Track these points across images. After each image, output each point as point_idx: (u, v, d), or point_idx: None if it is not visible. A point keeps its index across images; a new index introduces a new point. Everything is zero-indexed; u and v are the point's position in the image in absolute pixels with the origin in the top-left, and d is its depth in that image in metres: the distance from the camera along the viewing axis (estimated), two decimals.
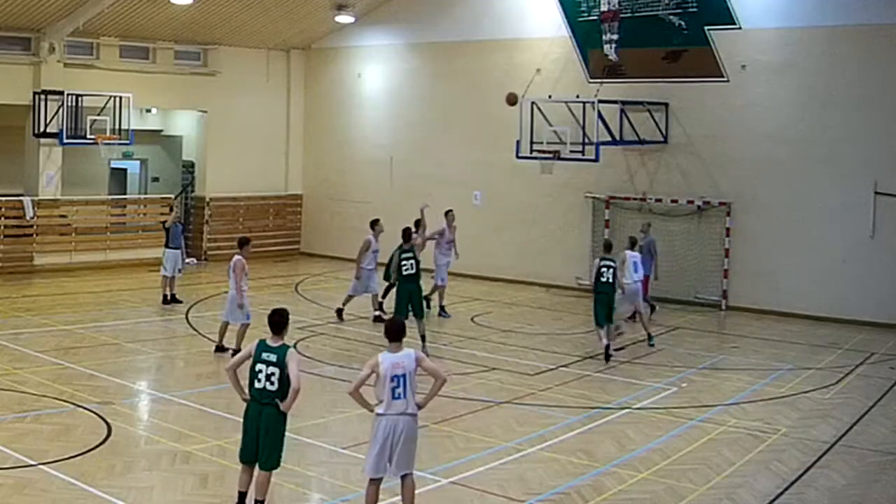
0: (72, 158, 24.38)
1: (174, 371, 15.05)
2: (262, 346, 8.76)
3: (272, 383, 8.63)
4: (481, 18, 24.76)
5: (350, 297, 18.60)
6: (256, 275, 24.57)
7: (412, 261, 15.94)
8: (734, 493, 9.97)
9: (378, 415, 8.61)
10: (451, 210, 19.90)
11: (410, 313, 15.54)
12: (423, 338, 15.59)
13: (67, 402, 12.37)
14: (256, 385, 8.70)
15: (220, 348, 15.57)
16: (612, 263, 16.17)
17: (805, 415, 13.06)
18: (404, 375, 8.58)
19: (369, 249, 18.34)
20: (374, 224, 18.79)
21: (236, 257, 15.68)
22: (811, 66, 20.11)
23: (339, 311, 18.65)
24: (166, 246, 20.07)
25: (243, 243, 15.90)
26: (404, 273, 15.95)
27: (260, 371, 8.67)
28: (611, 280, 16.01)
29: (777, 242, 20.44)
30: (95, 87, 23.33)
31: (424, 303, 17.01)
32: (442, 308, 19.39)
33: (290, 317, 8.97)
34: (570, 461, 10.92)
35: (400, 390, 8.56)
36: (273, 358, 8.65)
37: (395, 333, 8.80)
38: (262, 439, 8.75)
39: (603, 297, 15.97)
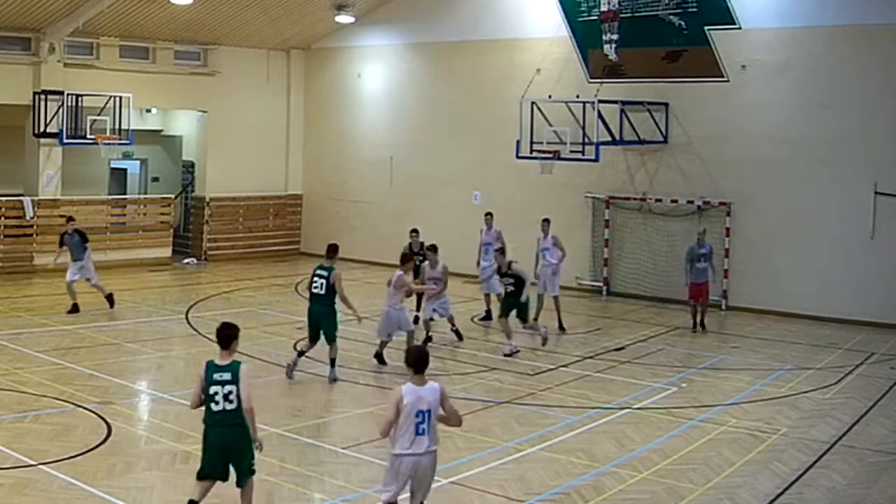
0: (72, 158, 24.38)
1: (174, 371, 15.03)
2: (212, 368, 8.19)
3: (231, 402, 8.12)
4: (481, 18, 24.76)
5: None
6: (256, 275, 24.68)
7: (323, 280, 13.99)
8: (734, 493, 9.97)
9: (397, 455, 7.91)
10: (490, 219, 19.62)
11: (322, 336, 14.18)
12: (332, 362, 14.19)
13: (67, 402, 12.36)
14: (214, 408, 8.16)
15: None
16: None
17: (805, 415, 13.06)
18: (429, 411, 7.91)
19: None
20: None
21: (398, 273, 14.86)
22: (811, 66, 20.11)
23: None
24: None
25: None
26: (313, 291, 14.09)
27: (215, 394, 8.13)
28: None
29: (777, 242, 20.44)
30: (95, 87, 23.33)
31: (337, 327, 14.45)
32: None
33: (241, 330, 8.46)
34: (570, 461, 10.91)
35: (424, 426, 7.88)
36: (227, 376, 8.13)
37: (419, 364, 8.09)
38: (234, 462, 8.33)
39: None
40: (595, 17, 22.16)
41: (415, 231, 19.05)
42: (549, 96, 21.16)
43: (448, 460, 10.77)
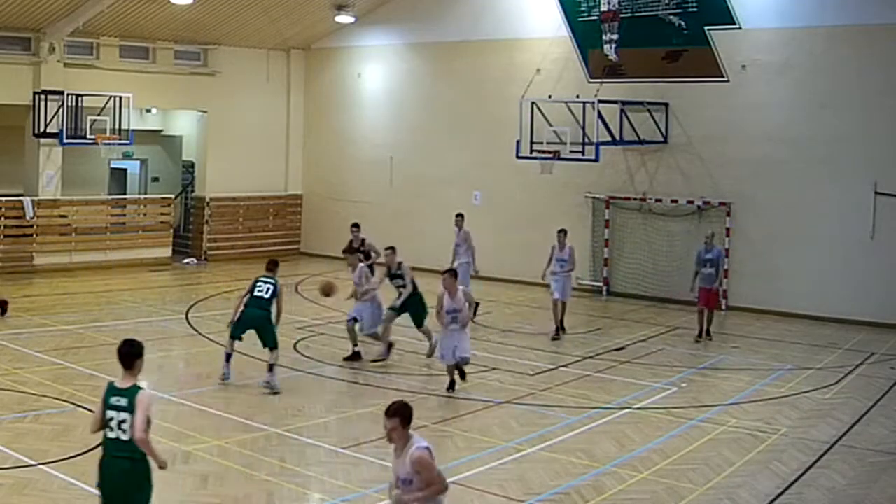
0: (72, 158, 24.38)
1: (174, 371, 15.04)
2: (111, 390, 7.25)
3: (124, 432, 7.14)
4: (481, 18, 24.76)
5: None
6: (256, 275, 24.58)
7: (270, 285, 13.73)
8: (734, 493, 9.97)
9: None
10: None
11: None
12: (270, 367, 13.53)
13: (67, 402, 12.36)
14: (109, 435, 7.21)
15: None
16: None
17: (805, 415, 13.05)
18: (411, 481, 6.78)
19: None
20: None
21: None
22: (811, 66, 20.10)
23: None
24: None
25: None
26: (255, 294, 13.71)
27: (111, 419, 7.18)
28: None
29: (777, 242, 20.44)
30: (95, 87, 23.32)
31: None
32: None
33: (144, 348, 7.64)
34: (570, 461, 10.91)
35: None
36: (123, 402, 7.17)
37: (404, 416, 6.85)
38: (125, 499, 7.24)
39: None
40: (595, 17, 22.15)
41: (355, 225, 18.87)
42: (549, 96, 21.16)
43: (448, 460, 10.77)
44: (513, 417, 12.60)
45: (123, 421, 7.17)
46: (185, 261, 26.22)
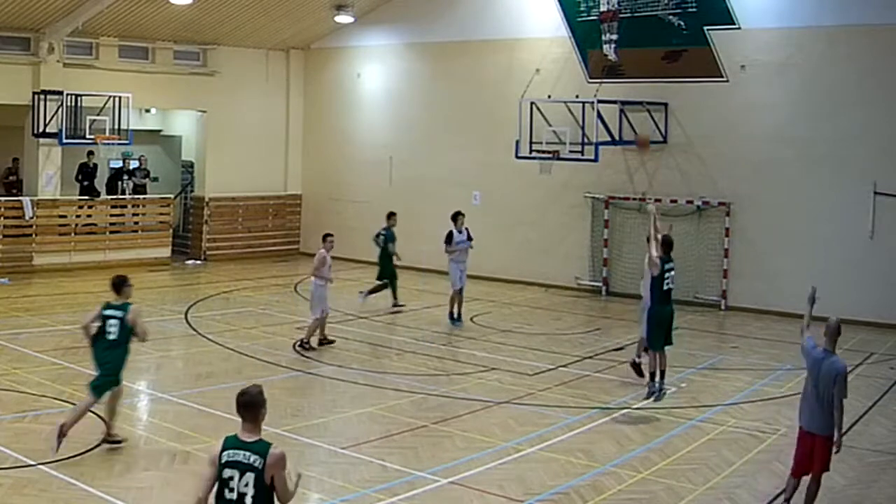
0: (71, 158, 24.37)
1: (174, 371, 15.04)
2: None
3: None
4: (481, 18, 24.75)
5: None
6: (256, 275, 24.67)
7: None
8: (734, 493, 9.97)
9: None
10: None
11: None
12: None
13: (67, 402, 12.34)
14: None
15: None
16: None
17: None
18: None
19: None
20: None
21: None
22: (811, 66, 20.10)
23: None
24: None
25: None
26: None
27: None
28: None
29: (777, 242, 20.43)
30: (95, 87, 23.32)
31: None
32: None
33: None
34: (570, 461, 10.91)
35: None
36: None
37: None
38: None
39: None
40: (594, 17, 22.15)
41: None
42: (549, 96, 21.17)
43: (447, 460, 10.79)
44: (512, 417, 12.60)
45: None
46: (188, 261, 26.22)
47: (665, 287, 12.59)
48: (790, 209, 20.28)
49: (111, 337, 10.83)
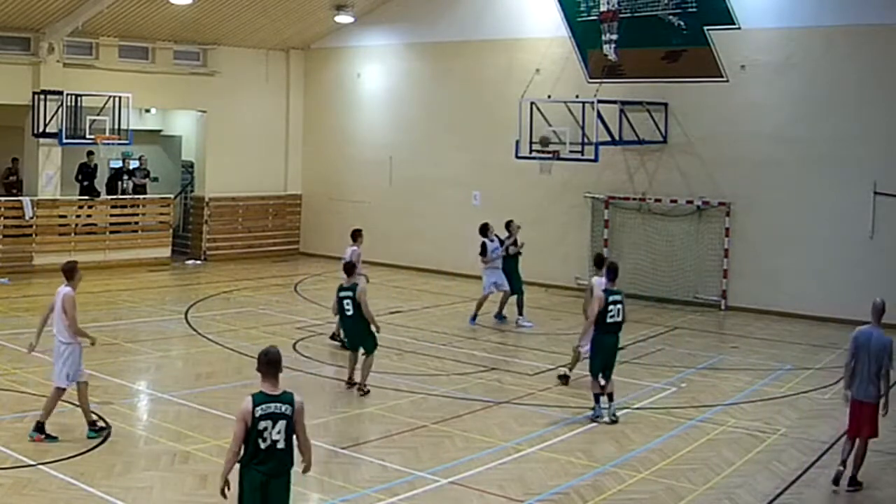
0: (71, 158, 24.37)
1: (173, 371, 15.04)
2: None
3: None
4: (481, 18, 24.75)
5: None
6: (256, 275, 24.67)
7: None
8: (734, 493, 9.97)
9: None
10: None
11: None
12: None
13: (67, 402, 12.33)
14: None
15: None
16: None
17: (805, 415, 13.06)
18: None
19: None
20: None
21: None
22: (811, 66, 20.10)
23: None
24: None
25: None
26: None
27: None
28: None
29: (777, 242, 20.43)
30: (95, 87, 23.31)
31: None
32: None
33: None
34: (570, 461, 10.91)
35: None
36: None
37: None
38: None
39: None
40: (594, 17, 22.14)
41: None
42: (549, 96, 21.16)
43: (448, 460, 10.79)
44: (512, 417, 12.60)
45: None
46: (188, 261, 26.21)
47: (609, 319, 12.54)
48: (790, 209, 20.28)
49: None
